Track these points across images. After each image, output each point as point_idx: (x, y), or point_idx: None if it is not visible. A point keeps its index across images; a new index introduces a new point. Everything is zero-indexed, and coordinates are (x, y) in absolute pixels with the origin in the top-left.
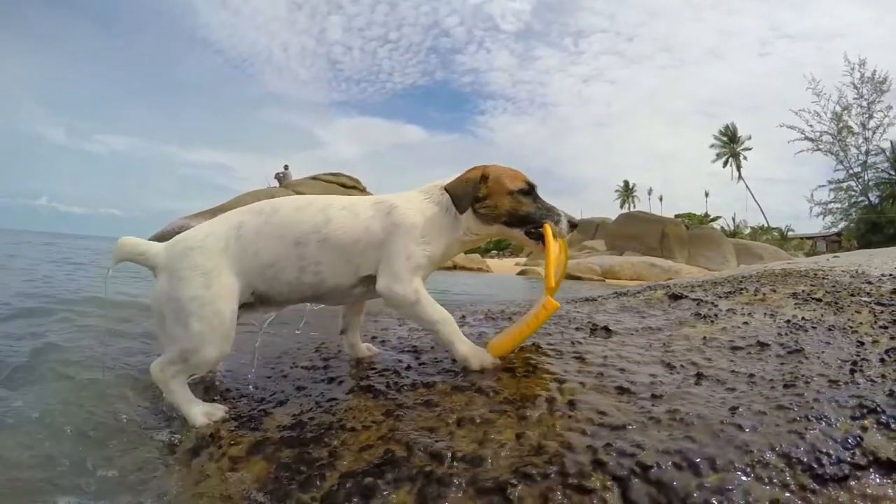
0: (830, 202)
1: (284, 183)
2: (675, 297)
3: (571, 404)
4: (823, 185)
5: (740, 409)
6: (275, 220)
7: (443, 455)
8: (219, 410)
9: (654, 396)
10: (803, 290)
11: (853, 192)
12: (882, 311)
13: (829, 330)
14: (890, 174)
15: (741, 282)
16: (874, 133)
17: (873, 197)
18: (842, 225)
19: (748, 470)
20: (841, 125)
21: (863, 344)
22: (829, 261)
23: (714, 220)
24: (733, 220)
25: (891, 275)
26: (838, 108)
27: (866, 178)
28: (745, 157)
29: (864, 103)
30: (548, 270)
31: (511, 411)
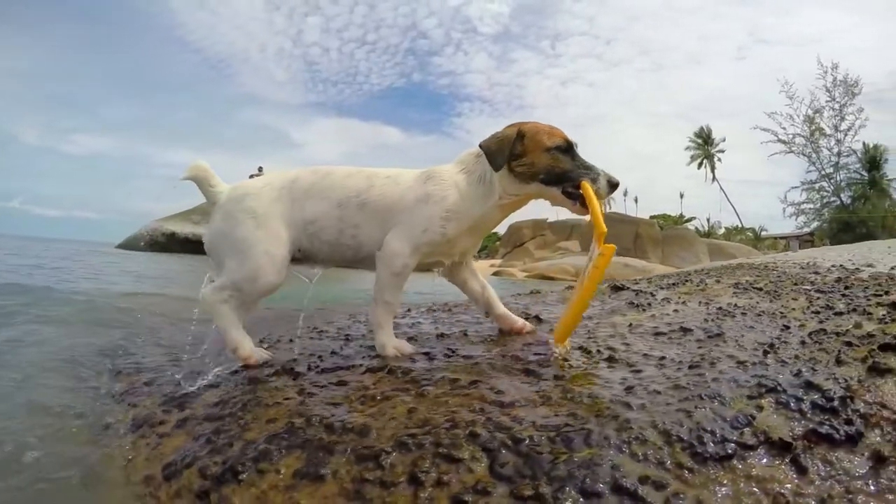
0: (803, 203)
1: None
2: (617, 289)
3: (473, 384)
4: (796, 187)
5: (636, 389)
6: (325, 181)
7: (335, 426)
8: (262, 353)
9: (555, 378)
10: (747, 280)
11: (825, 193)
12: (819, 298)
13: (759, 315)
14: (861, 175)
15: (689, 275)
16: (846, 135)
17: (845, 197)
18: (814, 225)
19: (623, 446)
20: (813, 127)
21: (788, 328)
22: (787, 255)
23: (689, 220)
24: (708, 220)
25: (841, 265)
26: (810, 112)
27: (838, 178)
28: (719, 159)
29: (836, 106)
30: (596, 217)
31: (413, 389)
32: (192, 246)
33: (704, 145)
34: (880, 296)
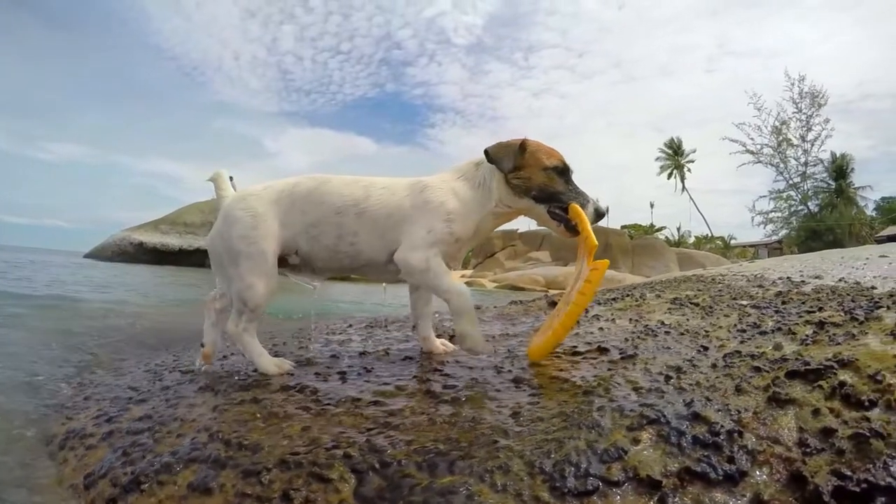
0: (771, 211)
1: None
2: (554, 304)
3: (372, 404)
4: (764, 196)
5: (522, 414)
6: (324, 188)
7: (232, 442)
8: (286, 364)
9: (453, 400)
10: (687, 295)
11: (793, 202)
12: (751, 315)
13: (682, 335)
14: (828, 184)
15: (633, 288)
16: (812, 145)
17: (813, 206)
18: (783, 233)
19: (485, 475)
20: (781, 138)
21: (706, 349)
22: (742, 265)
23: (659, 230)
24: (678, 230)
25: (787, 278)
26: (777, 123)
27: (806, 187)
28: (689, 170)
29: (803, 117)
30: (587, 232)
31: (315, 408)
32: (160, 256)
33: (674, 156)
34: (813, 312)
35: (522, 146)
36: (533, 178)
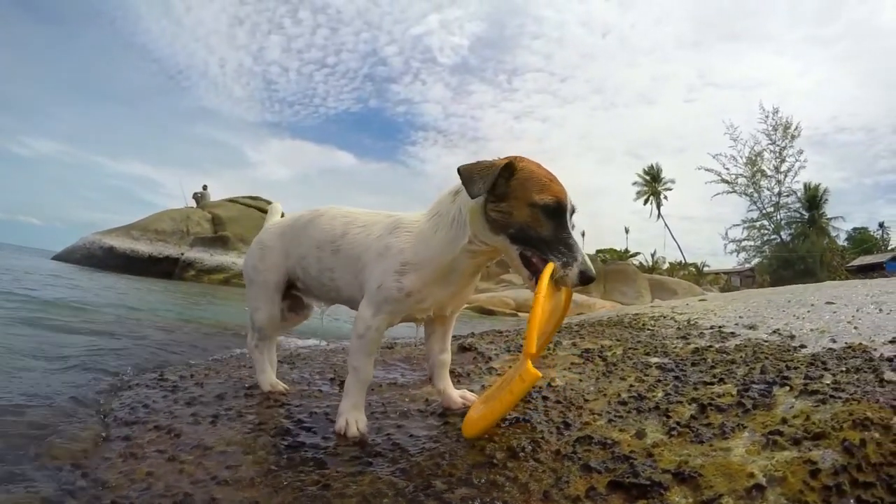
0: (744, 240)
1: (202, 204)
2: (463, 350)
3: (220, 454)
4: (738, 224)
5: (333, 487)
6: (315, 221)
7: (89, 476)
8: (280, 385)
9: (289, 460)
10: (602, 346)
11: (766, 231)
12: (646, 380)
13: (559, 402)
14: (801, 214)
15: (560, 332)
16: (786, 176)
17: (785, 235)
18: (755, 261)
19: None
20: (755, 169)
21: (567, 426)
22: (688, 304)
23: (634, 255)
24: (652, 256)
25: (720, 328)
26: (752, 154)
27: (778, 217)
28: (665, 197)
29: (777, 148)
30: (530, 328)
31: (170, 452)
32: (129, 262)
33: (652, 182)
34: (712, 384)
35: (509, 168)
36: (515, 213)
